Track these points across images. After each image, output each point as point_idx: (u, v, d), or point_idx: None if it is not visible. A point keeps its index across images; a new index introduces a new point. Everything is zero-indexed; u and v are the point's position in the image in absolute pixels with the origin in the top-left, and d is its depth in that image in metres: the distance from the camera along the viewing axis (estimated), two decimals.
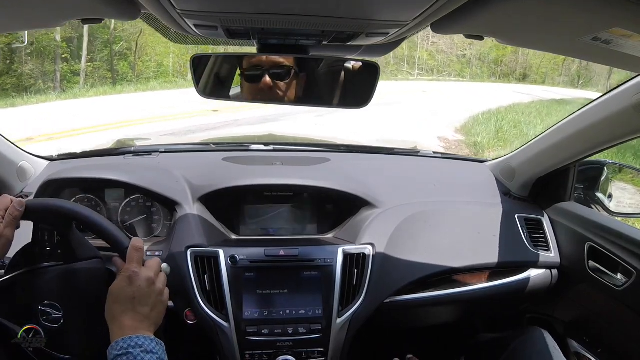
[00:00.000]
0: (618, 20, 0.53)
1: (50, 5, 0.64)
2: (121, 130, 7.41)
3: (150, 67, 16.94)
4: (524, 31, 0.68)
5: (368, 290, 1.13)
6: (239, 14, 0.63)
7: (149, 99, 11.63)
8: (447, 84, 20.60)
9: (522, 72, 29.06)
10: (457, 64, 27.74)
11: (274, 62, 0.86)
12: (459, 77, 26.71)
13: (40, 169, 1.35)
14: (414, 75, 25.26)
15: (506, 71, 28.87)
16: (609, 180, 1.39)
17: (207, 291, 1.09)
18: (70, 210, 0.86)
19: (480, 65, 28.52)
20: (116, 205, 1.29)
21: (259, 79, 0.86)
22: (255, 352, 1.06)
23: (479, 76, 27.36)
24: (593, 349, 1.28)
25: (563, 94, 19.59)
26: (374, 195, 1.30)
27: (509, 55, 28.61)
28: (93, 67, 15.49)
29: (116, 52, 16.26)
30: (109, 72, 16.03)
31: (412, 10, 0.58)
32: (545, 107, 12.87)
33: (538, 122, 9.67)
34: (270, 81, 0.86)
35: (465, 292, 1.26)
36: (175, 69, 17.63)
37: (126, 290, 0.77)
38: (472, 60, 28.09)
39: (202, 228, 1.20)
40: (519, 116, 10.44)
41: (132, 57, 16.75)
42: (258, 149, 1.56)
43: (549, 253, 1.32)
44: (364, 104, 0.87)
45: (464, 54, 27.96)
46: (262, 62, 0.86)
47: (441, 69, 27.21)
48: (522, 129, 8.99)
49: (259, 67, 0.86)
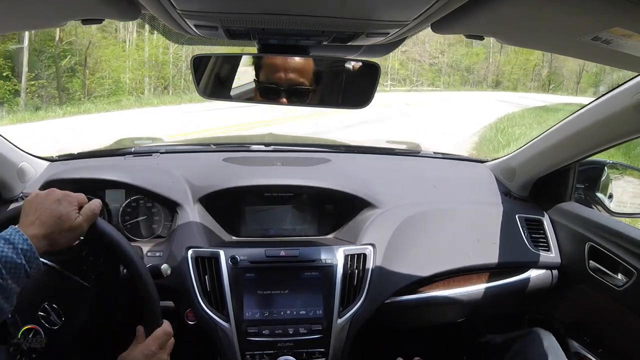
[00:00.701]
0: (618, 20, 0.53)
1: (50, 6, 0.64)
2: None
3: (104, 84, 14.39)
4: (524, 31, 0.68)
5: (369, 290, 1.13)
6: (239, 14, 0.63)
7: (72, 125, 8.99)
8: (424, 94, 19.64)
9: (494, 78, 29.06)
10: (429, 73, 27.19)
11: (293, 81, 0.82)
12: (433, 87, 25.98)
13: (40, 169, 1.35)
14: (387, 86, 23.92)
15: (479, 78, 28.76)
16: (609, 180, 1.39)
17: (207, 292, 1.09)
18: (125, 255, 0.87)
19: (452, 73, 28.10)
20: (117, 206, 1.29)
21: (275, 96, 0.83)
22: (255, 353, 1.06)
23: (452, 85, 26.85)
24: (593, 349, 1.28)
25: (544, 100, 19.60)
26: (375, 195, 1.30)
27: (481, 62, 28.54)
28: (38, 84, 12.84)
29: (65, 68, 13.70)
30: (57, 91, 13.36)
31: (412, 10, 0.58)
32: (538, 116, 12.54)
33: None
34: (286, 101, 0.83)
35: (466, 293, 1.26)
36: (132, 86, 15.37)
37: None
38: (443, 68, 27.50)
39: (202, 229, 1.20)
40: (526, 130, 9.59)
41: (83, 73, 14.17)
42: (258, 150, 1.56)
43: (549, 253, 1.32)
44: (365, 104, 0.86)
45: (435, 62, 27.41)
46: (281, 80, 0.82)
47: (413, 78, 26.62)
48: None
49: (277, 84, 0.82)
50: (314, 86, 0.85)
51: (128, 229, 1.27)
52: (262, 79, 0.84)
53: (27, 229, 0.73)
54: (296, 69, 0.82)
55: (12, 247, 0.69)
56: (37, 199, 0.78)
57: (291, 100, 0.83)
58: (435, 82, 27.01)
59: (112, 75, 14.98)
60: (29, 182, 1.30)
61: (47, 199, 0.77)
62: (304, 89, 0.83)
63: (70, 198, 0.79)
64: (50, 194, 0.79)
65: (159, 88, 16.15)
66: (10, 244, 0.69)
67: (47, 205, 0.76)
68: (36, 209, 0.76)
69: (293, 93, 0.83)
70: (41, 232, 0.73)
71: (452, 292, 1.25)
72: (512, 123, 10.51)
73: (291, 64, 0.82)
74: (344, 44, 0.81)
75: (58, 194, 0.79)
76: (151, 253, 1.17)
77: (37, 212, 0.75)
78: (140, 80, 15.83)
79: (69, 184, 1.25)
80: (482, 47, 28.30)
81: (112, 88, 14.51)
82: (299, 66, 0.83)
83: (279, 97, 0.83)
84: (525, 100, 18.13)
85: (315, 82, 0.85)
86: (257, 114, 8.85)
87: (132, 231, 1.28)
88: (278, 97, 0.83)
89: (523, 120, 11.11)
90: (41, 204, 0.77)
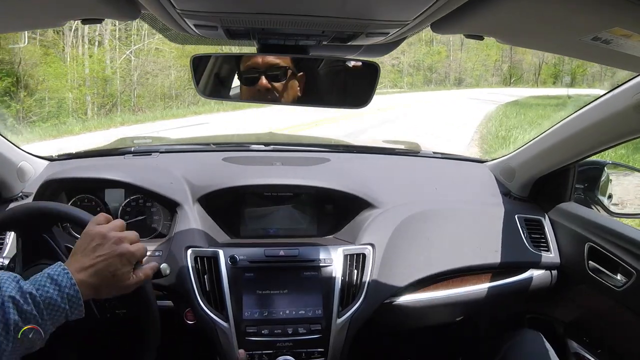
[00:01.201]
0: (618, 20, 0.53)
1: (50, 6, 0.64)
2: None
3: (45, 106, 12.24)
4: (524, 31, 0.68)
5: (368, 290, 1.13)
6: (239, 14, 0.63)
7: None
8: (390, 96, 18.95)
9: (456, 76, 29.13)
10: (391, 74, 26.83)
11: (270, 63, 0.86)
12: (396, 88, 25.56)
13: (40, 169, 1.35)
14: None
15: (441, 77, 28.77)
16: (609, 180, 1.39)
17: (207, 291, 1.09)
18: (151, 321, 0.87)
19: (415, 73, 27.95)
20: (116, 206, 1.29)
21: (255, 81, 0.86)
22: (255, 353, 1.06)
23: (415, 85, 26.64)
24: (593, 350, 1.28)
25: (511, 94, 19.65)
26: (374, 195, 1.30)
27: (443, 60, 28.48)
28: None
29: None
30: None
31: (412, 10, 0.58)
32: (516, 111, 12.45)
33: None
34: (267, 83, 0.86)
35: (465, 293, 1.26)
36: (74, 107, 13.15)
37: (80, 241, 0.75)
38: (405, 68, 27.35)
39: (202, 228, 1.20)
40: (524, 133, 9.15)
41: (18, 94, 11.62)
42: (258, 149, 1.56)
43: (549, 253, 1.32)
44: (364, 104, 0.86)
45: (397, 63, 27.14)
46: (258, 64, 0.86)
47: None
48: None
49: (256, 69, 0.86)
50: (294, 69, 0.87)
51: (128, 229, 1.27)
52: (242, 70, 0.88)
53: (77, 274, 0.69)
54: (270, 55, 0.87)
55: (57, 289, 0.66)
56: (97, 238, 0.74)
57: (271, 80, 0.86)
58: (398, 83, 26.89)
59: (55, 95, 12.79)
60: (29, 182, 1.30)
61: (107, 242, 0.74)
62: (282, 67, 0.86)
63: (131, 254, 0.75)
64: (111, 235, 0.75)
65: (107, 106, 13.97)
66: (56, 284, 0.66)
67: (106, 253, 0.73)
68: (94, 251, 0.72)
69: (272, 75, 0.86)
70: (91, 282, 0.70)
71: (451, 293, 1.25)
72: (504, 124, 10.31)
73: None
74: (344, 43, 0.81)
75: (121, 243, 0.75)
76: (150, 252, 1.16)
77: (94, 258, 0.72)
78: (82, 100, 13.71)
79: (68, 184, 1.25)
80: (444, 45, 28.32)
81: (53, 111, 12.41)
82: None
83: (259, 79, 0.86)
84: (495, 96, 18.26)
85: (296, 66, 0.87)
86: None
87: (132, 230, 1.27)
88: (259, 80, 0.86)
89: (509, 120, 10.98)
90: (101, 246, 0.73)
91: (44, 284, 0.66)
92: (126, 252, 0.75)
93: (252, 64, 0.87)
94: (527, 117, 11.65)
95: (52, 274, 0.67)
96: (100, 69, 14.48)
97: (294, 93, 0.88)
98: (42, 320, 0.64)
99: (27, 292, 0.64)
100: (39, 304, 0.64)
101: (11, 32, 7.27)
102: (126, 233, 0.78)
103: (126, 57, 15.06)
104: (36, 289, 0.65)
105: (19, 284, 0.65)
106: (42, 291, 0.65)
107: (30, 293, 0.64)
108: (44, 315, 0.64)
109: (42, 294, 0.65)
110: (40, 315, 0.64)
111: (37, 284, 0.66)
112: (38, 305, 0.64)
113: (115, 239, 0.75)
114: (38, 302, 0.64)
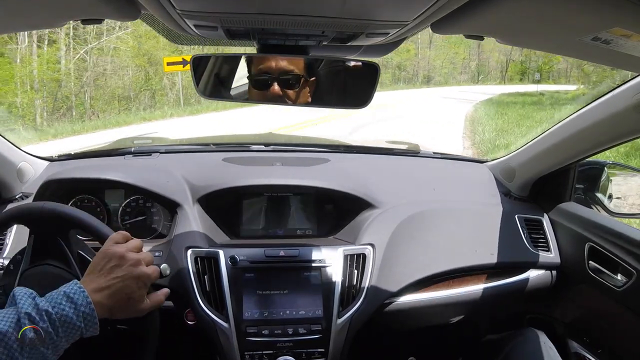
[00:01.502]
0: (618, 20, 0.53)
1: (50, 6, 0.64)
2: None
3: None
4: (524, 31, 0.68)
5: (368, 290, 1.13)
6: (239, 14, 0.63)
7: None
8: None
9: (425, 74, 29.02)
10: None
11: (283, 69, 0.83)
12: None
13: (40, 169, 1.35)
14: None
15: (410, 75, 28.57)
16: (609, 180, 1.39)
17: (207, 292, 1.09)
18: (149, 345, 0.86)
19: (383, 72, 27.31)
20: (116, 206, 1.29)
21: (267, 85, 0.84)
22: (255, 353, 1.06)
23: (385, 83, 25.91)
24: (593, 350, 1.28)
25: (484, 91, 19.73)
26: (374, 195, 1.30)
27: (412, 58, 28.24)
28: None
29: None
30: None
31: (412, 10, 0.58)
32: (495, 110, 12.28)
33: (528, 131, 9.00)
34: (279, 90, 0.83)
35: (465, 293, 1.26)
36: (21, 113, 12.19)
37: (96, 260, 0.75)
38: None
39: (202, 228, 1.20)
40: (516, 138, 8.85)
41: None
42: (258, 149, 1.56)
43: (549, 253, 1.32)
44: (364, 104, 0.86)
45: None
46: (271, 69, 0.83)
47: None
48: None
49: (268, 74, 0.83)
50: (307, 75, 0.85)
51: (127, 229, 1.27)
52: (254, 72, 0.85)
53: (93, 294, 0.69)
54: (284, 58, 0.84)
55: (73, 307, 0.66)
56: (115, 259, 0.74)
57: (283, 86, 0.84)
58: None
59: (4, 100, 12.13)
60: (29, 182, 1.30)
61: (125, 264, 0.74)
62: (295, 75, 0.84)
63: (147, 277, 0.75)
64: (129, 257, 0.75)
65: (62, 110, 13.29)
66: (72, 302, 0.66)
67: (123, 275, 0.73)
68: (110, 272, 0.72)
69: (284, 80, 0.84)
70: (106, 303, 0.70)
71: (451, 293, 1.25)
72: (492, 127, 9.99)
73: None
74: (344, 44, 0.81)
75: (139, 265, 0.75)
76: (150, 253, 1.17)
77: (111, 279, 0.72)
78: (30, 104, 12.76)
79: (68, 184, 1.25)
80: (412, 43, 28.18)
81: (3, 116, 11.76)
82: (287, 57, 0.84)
83: (271, 85, 0.84)
84: (467, 95, 18.39)
85: (308, 72, 0.85)
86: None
87: (132, 231, 1.26)
88: (270, 87, 0.84)
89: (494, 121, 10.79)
90: (118, 268, 0.73)
91: (59, 302, 0.66)
92: (143, 275, 0.75)
93: (264, 68, 0.84)
94: (510, 117, 11.60)
95: (68, 292, 0.67)
96: (51, 70, 13.58)
97: (304, 99, 0.86)
98: (57, 337, 0.64)
99: (43, 310, 0.64)
100: (55, 321, 0.65)
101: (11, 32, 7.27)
102: (143, 255, 0.78)
103: (80, 56, 14.00)
104: (52, 307, 0.65)
105: (35, 300, 0.65)
106: (58, 309, 0.65)
107: (47, 310, 0.65)
108: (59, 332, 0.65)
109: (58, 311, 0.65)
110: (55, 332, 0.64)
111: (54, 302, 0.66)
112: (54, 323, 0.64)
113: (133, 262, 0.75)
114: (54, 319, 0.65)
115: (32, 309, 0.64)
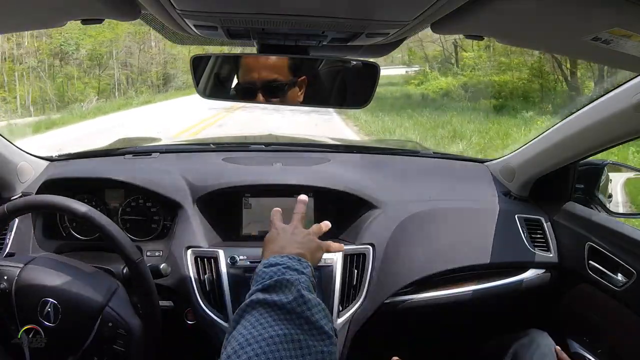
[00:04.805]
0: (618, 20, 0.53)
1: (50, 6, 0.64)
2: None
3: None
4: (524, 31, 0.68)
5: (368, 290, 1.13)
6: (239, 14, 0.63)
7: None
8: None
9: None
10: None
11: (265, 79, 0.83)
12: None
13: (40, 169, 1.35)
14: None
15: None
16: (609, 180, 1.39)
17: (207, 291, 1.09)
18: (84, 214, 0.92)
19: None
20: (116, 206, 1.29)
21: (253, 95, 0.85)
22: None
23: None
24: (593, 350, 1.28)
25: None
26: (374, 195, 1.30)
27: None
28: None
29: None
30: None
31: (412, 10, 0.58)
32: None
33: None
34: (264, 100, 0.85)
35: (465, 293, 1.26)
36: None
37: (273, 234, 0.86)
38: None
39: (202, 228, 1.20)
40: None
41: None
42: (258, 149, 1.56)
43: (548, 253, 1.32)
44: (364, 104, 0.87)
45: None
46: (254, 80, 0.84)
47: None
48: None
49: (251, 84, 0.84)
50: (293, 78, 0.84)
51: (128, 229, 1.27)
52: (240, 80, 0.86)
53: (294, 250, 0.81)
54: (267, 66, 0.84)
55: (304, 275, 0.73)
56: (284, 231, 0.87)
57: (268, 97, 0.84)
58: None
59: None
60: (29, 182, 1.30)
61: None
62: (279, 83, 0.84)
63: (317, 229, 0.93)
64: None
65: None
66: (303, 274, 0.73)
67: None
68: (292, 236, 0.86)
69: (268, 90, 0.84)
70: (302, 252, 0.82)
71: (451, 292, 1.25)
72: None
73: (263, 62, 0.84)
74: (344, 44, 0.81)
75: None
76: (151, 253, 1.17)
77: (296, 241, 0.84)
78: None
79: (68, 184, 1.25)
80: None
81: None
82: (271, 63, 0.84)
83: (255, 96, 0.85)
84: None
85: (294, 74, 0.85)
86: None
87: (132, 231, 1.28)
88: (255, 97, 0.85)
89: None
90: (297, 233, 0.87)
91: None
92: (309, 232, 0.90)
93: (248, 79, 0.85)
94: None
95: (294, 268, 0.75)
96: None
97: (294, 100, 0.86)
98: (311, 293, 0.70)
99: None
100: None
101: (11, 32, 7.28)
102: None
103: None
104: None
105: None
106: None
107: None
108: (311, 290, 0.72)
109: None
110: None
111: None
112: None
113: (305, 232, 0.91)
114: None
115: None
